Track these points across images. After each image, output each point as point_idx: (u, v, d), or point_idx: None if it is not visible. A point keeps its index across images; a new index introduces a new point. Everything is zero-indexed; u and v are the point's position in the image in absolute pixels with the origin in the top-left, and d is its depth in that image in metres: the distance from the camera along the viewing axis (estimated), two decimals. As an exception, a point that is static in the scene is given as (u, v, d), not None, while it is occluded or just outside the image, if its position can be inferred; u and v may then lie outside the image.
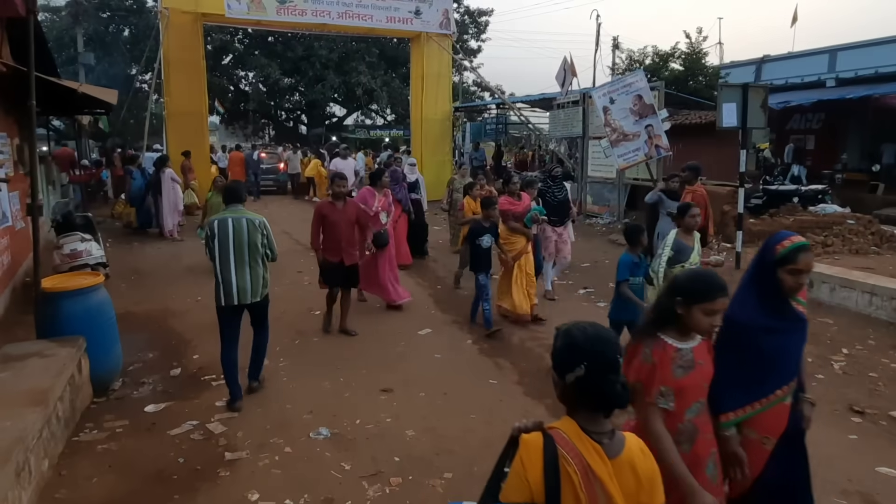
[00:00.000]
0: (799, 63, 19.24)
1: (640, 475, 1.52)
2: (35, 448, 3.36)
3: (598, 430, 1.52)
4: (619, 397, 1.50)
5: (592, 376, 1.49)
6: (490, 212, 6.22)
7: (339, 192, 5.99)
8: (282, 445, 3.97)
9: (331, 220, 5.92)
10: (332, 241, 5.98)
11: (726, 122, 7.82)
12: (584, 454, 1.48)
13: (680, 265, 4.51)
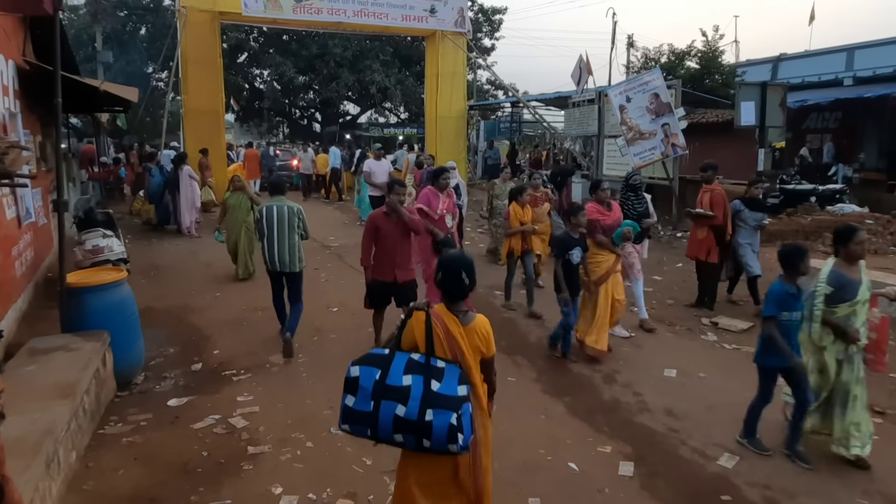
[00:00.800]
0: (816, 62, 19.01)
1: (481, 336, 2.55)
2: (63, 440, 3.43)
3: (456, 309, 2.56)
4: (462, 293, 2.59)
5: (447, 279, 2.57)
6: (579, 219, 5.31)
7: (398, 201, 5.20)
8: (303, 440, 4.02)
9: (384, 232, 5.14)
10: (383, 257, 5.22)
11: (744, 121, 7.78)
12: (447, 322, 2.51)
13: (845, 304, 3.71)
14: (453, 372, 2.41)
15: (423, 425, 2.31)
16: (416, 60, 27.40)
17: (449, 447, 2.32)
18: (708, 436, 4.12)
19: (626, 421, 4.32)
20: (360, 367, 2.47)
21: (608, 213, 5.71)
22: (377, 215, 5.24)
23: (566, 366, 5.37)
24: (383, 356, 2.46)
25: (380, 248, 5.20)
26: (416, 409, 2.33)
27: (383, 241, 5.15)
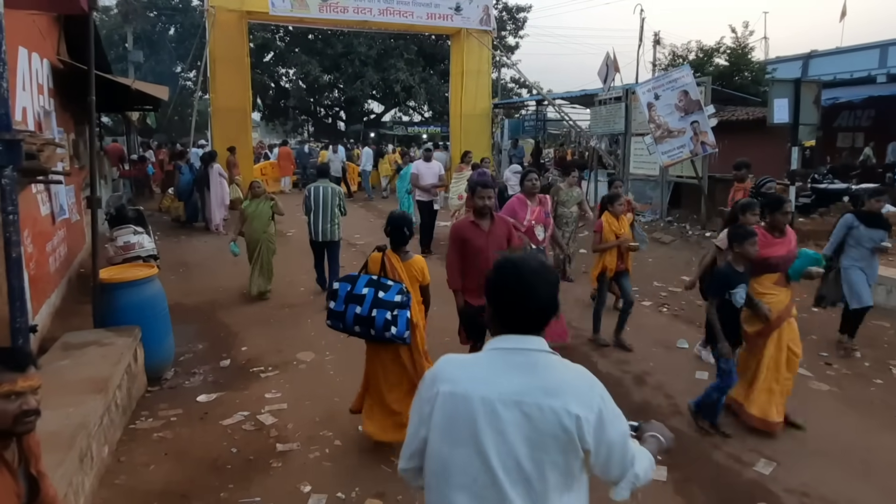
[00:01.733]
0: (848, 58, 18.56)
1: (417, 269, 3.84)
2: (96, 434, 3.47)
3: (400, 252, 3.84)
4: (403, 241, 3.84)
5: (394, 231, 3.81)
6: (746, 249, 3.92)
7: (484, 206, 4.27)
8: (331, 438, 4.01)
9: (474, 246, 4.22)
10: (476, 276, 4.07)
11: (777, 119, 7.59)
12: (392, 259, 3.78)
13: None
14: (395, 288, 3.65)
15: (369, 319, 3.55)
16: (441, 59, 27.38)
17: (385, 334, 3.56)
18: (743, 440, 4.02)
19: (658, 424, 4.23)
20: (339, 283, 3.79)
21: (780, 240, 4.23)
22: (464, 225, 4.34)
23: (595, 367, 5.29)
24: (353, 276, 3.76)
25: (470, 266, 4.24)
26: (367, 308, 3.57)
27: (474, 257, 4.20)
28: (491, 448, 1.45)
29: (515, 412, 1.44)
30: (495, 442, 1.44)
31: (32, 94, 6.02)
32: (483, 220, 4.29)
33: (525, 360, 1.51)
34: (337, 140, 21.46)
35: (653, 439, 1.79)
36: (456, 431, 1.49)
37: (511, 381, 1.48)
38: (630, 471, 1.58)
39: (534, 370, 1.49)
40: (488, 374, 1.51)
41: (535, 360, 1.51)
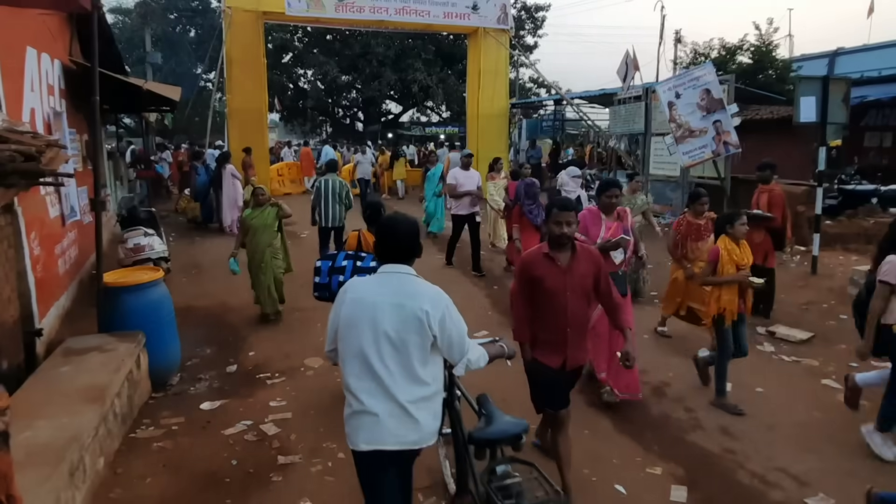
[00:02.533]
0: (876, 55, 17.99)
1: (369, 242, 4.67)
2: (90, 447, 3.35)
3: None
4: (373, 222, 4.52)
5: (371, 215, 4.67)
6: None
7: (562, 235, 3.15)
8: (335, 451, 3.86)
9: (548, 287, 3.18)
10: (550, 326, 3.24)
11: (804, 118, 7.27)
12: (367, 236, 4.67)
13: None
14: (370, 257, 4.39)
15: None
16: (458, 59, 27.18)
17: None
18: (769, 458, 3.78)
19: (678, 439, 4.01)
20: (321, 261, 4.62)
21: None
22: (535, 259, 3.25)
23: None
24: (333, 254, 4.56)
25: (543, 313, 3.24)
26: (348, 276, 4.30)
27: (548, 302, 3.20)
28: (378, 327, 2.31)
29: (391, 307, 2.32)
30: (380, 324, 2.31)
31: (42, 94, 5.96)
32: (561, 251, 3.21)
33: (398, 279, 2.41)
34: (357, 141, 21.42)
35: (498, 345, 2.87)
36: (356, 320, 2.34)
37: (389, 290, 2.36)
38: (465, 356, 2.48)
39: (402, 284, 2.38)
40: (376, 287, 2.40)
41: (404, 279, 2.41)
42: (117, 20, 27.46)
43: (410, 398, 2.32)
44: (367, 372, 2.32)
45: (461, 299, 7.24)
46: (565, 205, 3.23)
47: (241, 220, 6.76)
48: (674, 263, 5.83)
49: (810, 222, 8.28)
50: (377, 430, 2.31)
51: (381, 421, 2.30)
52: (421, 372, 2.34)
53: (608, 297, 3.42)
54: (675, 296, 5.84)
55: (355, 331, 2.33)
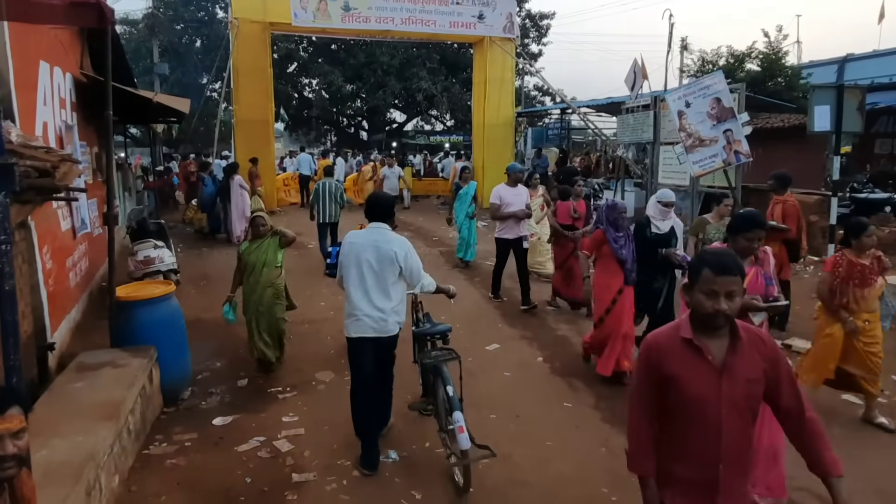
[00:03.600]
0: (886, 61, 17.95)
1: None
2: (106, 464, 3.32)
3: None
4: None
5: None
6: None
7: (717, 312, 2.01)
8: (349, 468, 3.81)
9: (691, 395, 2.05)
10: (692, 457, 2.09)
11: (818, 127, 7.22)
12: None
13: None
14: None
15: None
16: (463, 67, 27.26)
17: None
18: (790, 477, 3.69)
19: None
20: (332, 247, 7.44)
21: None
22: (668, 346, 2.11)
23: (627, 392, 5.01)
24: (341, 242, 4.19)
25: (680, 434, 2.11)
26: None
27: (690, 417, 2.08)
28: (363, 261, 3.73)
29: (372, 248, 3.74)
30: (365, 258, 3.72)
31: (54, 108, 5.98)
32: (713, 338, 2.07)
33: (378, 231, 3.83)
34: (361, 148, 21.39)
35: (445, 286, 4.38)
36: (351, 257, 3.76)
37: (372, 237, 3.79)
38: (420, 282, 3.97)
39: (381, 234, 3.81)
40: (365, 235, 3.83)
41: (382, 231, 3.84)
42: (125, 31, 27.66)
43: (382, 306, 3.77)
44: (359, 288, 3.78)
45: (468, 309, 7.21)
46: (724, 265, 2.02)
47: (238, 255, 5.48)
48: (824, 316, 4.53)
49: (824, 232, 8.22)
50: (361, 325, 3.79)
51: (364, 319, 3.77)
52: (391, 291, 3.80)
53: (799, 416, 2.08)
54: (828, 360, 4.45)
55: (352, 262, 3.80)
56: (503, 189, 7.55)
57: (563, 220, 7.40)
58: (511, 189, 7.55)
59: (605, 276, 5.25)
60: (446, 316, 7.04)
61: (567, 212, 7.40)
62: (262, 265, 5.32)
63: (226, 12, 20.03)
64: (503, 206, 7.40)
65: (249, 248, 5.39)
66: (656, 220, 5.40)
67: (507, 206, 7.35)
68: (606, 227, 5.07)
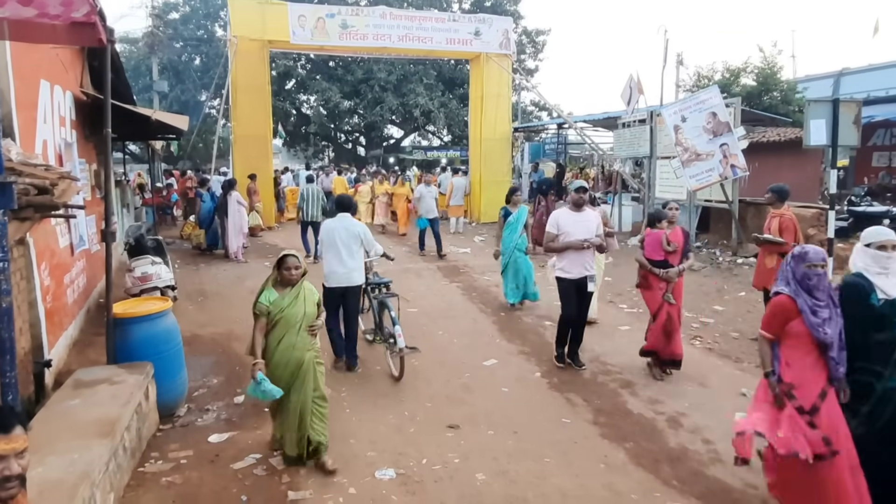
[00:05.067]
0: (882, 75, 18.12)
1: None
2: (101, 482, 3.29)
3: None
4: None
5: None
6: None
7: None
8: (346, 486, 3.79)
9: None
10: None
11: (814, 141, 7.27)
12: None
13: None
14: None
15: None
16: (460, 83, 27.49)
17: None
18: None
19: (697, 473, 3.93)
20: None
21: None
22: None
23: (626, 406, 4.99)
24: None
25: None
26: None
27: None
28: (337, 238, 5.66)
29: (343, 229, 5.71)
30: (337, 236, 5.66)
31: (54, 126, 6.01)
32: None
33: (345, 219, 5.81)
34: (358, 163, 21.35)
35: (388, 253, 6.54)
36: (330, 235, 5.70)
37: (342, 223, 5.77)
38: (372, 250, 5.92)
39: (347, 220, 5.80)
40: (336, 222, 5.79)
41: (347, 219, 5.82)
42: (125, 49, 27.90)
43: (349, 266, 5.63)
44: (335, 255, 5.63)
45: (466, 324, 7.18)
46: None
47: (262, 310, 3.98)
48: None
49: (822, 245, 8.23)
50: (336, 278, 5.62)
51: (338, 274, 5.60)
52: (356, 256, 5.69)
53: None
54: None
55: (329, 238, 5.67)
56: (562, 215, 5.89)
57: (652, 255, 5.58)
58: (573, 214, 5.83)
59: (795, 370, 3.26)
60: (443, 332, 7.08)
61: (658, 243, 5.55)
62: (298, 323, 3.94)
63: (225, 30, 20.22)
64: (562, 234, 5.76)
65: (281, 303, 3.93)
66: (876, 274, 3.32)
67: (567, 236, 5.73)
68: (796, 291, 3.26)
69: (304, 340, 4.00)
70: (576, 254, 5.70)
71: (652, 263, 5.54)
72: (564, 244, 5.72)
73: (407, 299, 8.51)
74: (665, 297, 5.44)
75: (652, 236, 5.64)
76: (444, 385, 5.45)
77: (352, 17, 16.01)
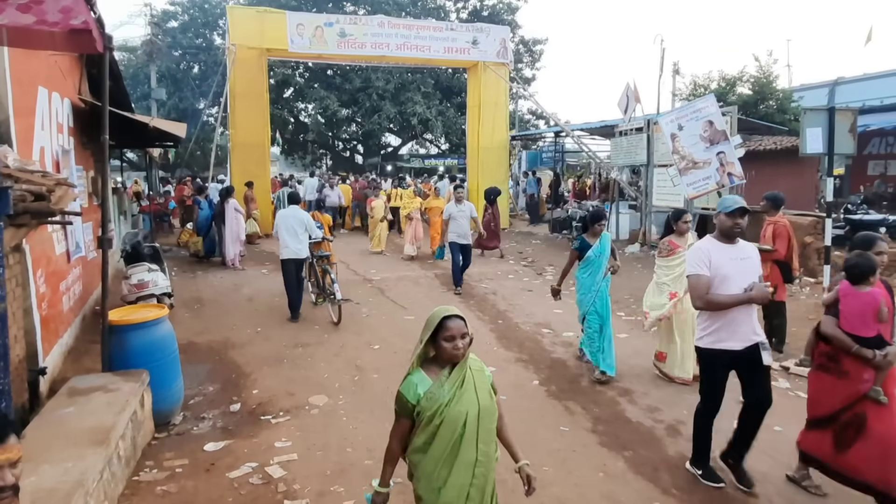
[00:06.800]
0: (877, 84, 18.29)
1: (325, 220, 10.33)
2: (95, 491, 3.26)
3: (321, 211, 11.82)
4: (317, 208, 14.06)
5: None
6: None
7: None
8: (343, 496, 3.75)
9: None
10: None
11: (811, 149, 7.30)
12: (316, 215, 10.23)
13: None
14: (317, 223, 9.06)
15: None
16: (457, 91, 27.60)
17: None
18: (792, 502, 3.67)
19: (697, 481, 3.90)
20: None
21: None
22: None
23: (625, 414, 4.97)
24: None
25: None
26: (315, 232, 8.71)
27: None
28: (289, 223, 8.02)
29: (293, 216, 8.09)
30: (290, 222, 8.02)
31: (51, 133, 6.00)
32: None
33: (296, 210, 8.26)
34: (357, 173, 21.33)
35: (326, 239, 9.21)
36: (284, 220, 8.08)
37: (292, 212, 8.18)
38: (314, 234, 8.31)
39: (297, 211, 8.24)
40: (289, 211, 8.22)
41: (298, 210, 8.28)
42: (123, 57, 27.95)
43: (299, 244, 7.98)
44: (289, 235, 7.94)
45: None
46: None
47: (405, 408, 2.46)
48: None
49: (819, 253, 8.25)
50: (289, 252, 7.97)
51: (290, 248, 7.95)
52: (303, 237, 8.02)
53: None
54: None
55: (285, 223, 7.99)
56: (713, 250, 3.77)
57: (859, 329, 3.51)
58: (727, 249, 3.78)
59: None
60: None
61: (869, 311, 3.52)
62: (475, 422, 2.43)
63: (223, 39, 20.27)
64: (716, 281, 3.72)
65: (438, 395, 2.40)
66: None
67: (723, 283, 3.70)
68: None
69: (486, 453, 2.45)
70: (740, 311, 3.69)
71: (858, 341, 3.47)
72: (731, 299, 3.64)
73: (404, 306, 8.51)
74: (871, 394, 3.41)
75: (859, 299, 3.52)
76: (442, 393, 5.42)
77: (350, 25, 16.08)
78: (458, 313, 2.46)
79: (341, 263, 12.01)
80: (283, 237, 7.92)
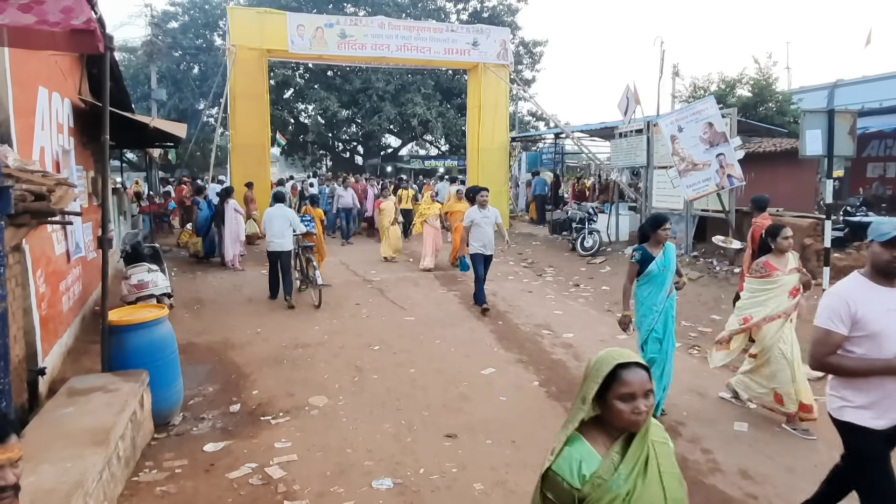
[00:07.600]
0: (876, 86, 18.30)
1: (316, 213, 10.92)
2: (94, 492, 3.25)
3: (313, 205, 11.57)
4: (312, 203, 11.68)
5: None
6: None
7: None
8: (343, 496, 3.75)
9: None
10: None
11: (810, 151, 7.31)
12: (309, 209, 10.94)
13: None
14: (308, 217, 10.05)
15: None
16: (457, 93, 27.62)
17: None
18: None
19: (697, 483, 3.90)
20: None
21: None
22: None
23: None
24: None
25: None
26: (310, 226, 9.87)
27: None
28: (276, 220, 8.99)
29: (279, 213, 9.04)
30: (278, 219, 8.99)
31: (51, 133, 6.00)
32: None
33: (282, 208, 9.19)
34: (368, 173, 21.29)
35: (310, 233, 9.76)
36: (272, 216, 9.08)
37: (279, 211, 9.11)
38: (297, 229, 9.12)
39: (283, 208, 9.19)
40: (275, 210, 9.14)
41: (284, 208, 9.21)
42: (124, 58, 27.97)
43: (287, 237, 8.91)
44: (277, 231, 8.89)
45: (462, 333, 7.18)
46: None
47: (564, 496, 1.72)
48: None
49: (818, 255, 8.26)
50: (275, 245, 8.92)
51: (276, 242, 8.90)
52: (287, 231, 8.89)
53: None
54: None
55: (271, 223, 8.99)
56: (861, 296, 2.71)
57: None
58: (880, 291, 2.71)
59: None
60: (441, 340, 7.05)
61: None
62: None
63: (224, 39, 20.28)
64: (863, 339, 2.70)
65: (612, 484, 1.70)
66: None
67: (875, 342, 2.68)
68: None
69: None
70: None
71: None
72: (869, 367, 2.68)
73: (403, 307, 8.51)
74: None
75: None
76: (442, 394, 5.42)
77: (350, 26, 16.09)
78: (639, 360, 1.76)
79: (341, 264, 12.01)
80: (272, 232, 8.95)
